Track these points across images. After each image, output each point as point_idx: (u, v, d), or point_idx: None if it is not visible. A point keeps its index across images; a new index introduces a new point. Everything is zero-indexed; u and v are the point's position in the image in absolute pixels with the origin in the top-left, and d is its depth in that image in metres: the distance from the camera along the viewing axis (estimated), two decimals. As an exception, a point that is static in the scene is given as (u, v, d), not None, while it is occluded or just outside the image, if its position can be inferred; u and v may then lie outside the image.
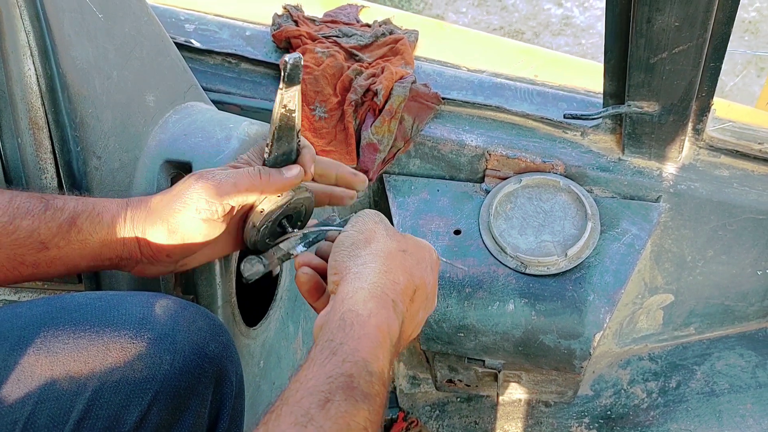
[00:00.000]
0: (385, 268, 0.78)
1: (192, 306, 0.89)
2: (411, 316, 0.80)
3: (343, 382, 0.65)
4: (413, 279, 0.81)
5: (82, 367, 0.79)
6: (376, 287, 0.75)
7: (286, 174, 0.89)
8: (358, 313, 0.72)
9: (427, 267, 0.85)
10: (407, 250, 0.83)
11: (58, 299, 0.86)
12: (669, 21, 1.02)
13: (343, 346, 0.68)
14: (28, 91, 0.93)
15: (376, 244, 0.81)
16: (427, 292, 0.84)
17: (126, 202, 0.87)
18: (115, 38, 1.02)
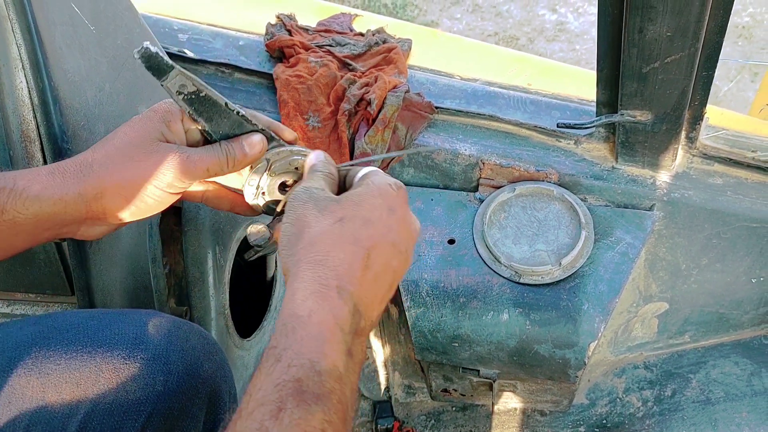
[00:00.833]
0: (320, 256, 0.73)
1: (185, 324, 0.88)
2: (370, 284, 0.74)
3: (291, 387, 0.63)
4: (360, 244, 0.74)
5: (75, 389, 0.78)
6: (313, 282, 0.71)
7: (248, 151, 0.86)
8: (297, 315, 0.68)
9: (380, 215, 0.77)
10: (345, 217, 0.76)
11: (49, 318, 0.85)
12: (661, 31, 1.02)
13: (286, 351, 0.66)
14: (20, 104, 0.93)
15: (308, 232, 0.75)
16: (391, 241, 0.77)
17: (56, 168, 0.81)
18: (107, 50, 1.02)
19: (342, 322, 0.69)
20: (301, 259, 0.73)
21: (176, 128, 0.84)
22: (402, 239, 0.78)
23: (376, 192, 0.78)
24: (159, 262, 1.09)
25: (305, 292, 0.70)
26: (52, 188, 0.79)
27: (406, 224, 0.79)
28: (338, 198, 0.78)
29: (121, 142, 0.81)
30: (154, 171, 0.80)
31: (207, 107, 0.81)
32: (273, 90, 1.46)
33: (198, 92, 0.80)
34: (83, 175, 0.79)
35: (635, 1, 0.98)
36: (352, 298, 0.71)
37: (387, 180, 0.80)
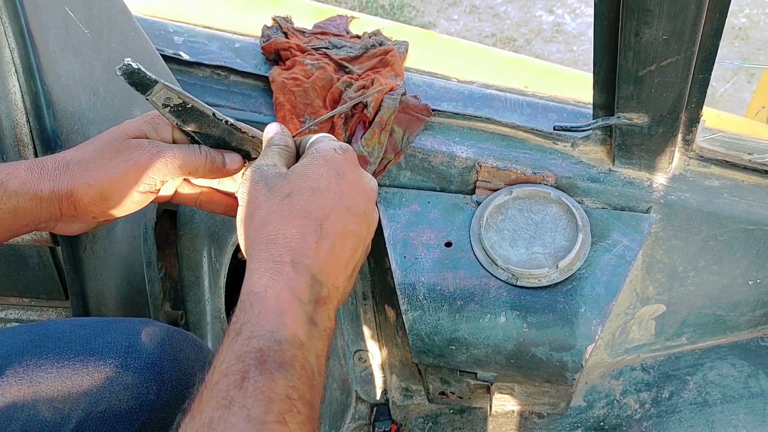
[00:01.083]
0: (271, 235, 0.74)
1: (179, 333, 0.88)
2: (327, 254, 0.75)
3: (253, 357, 0.64)
4: (311, 216, 0.75)
5: (67, 398, 0.78)
6: (266, 260, 0.72)
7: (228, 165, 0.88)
8: (254, 292, 0.70)
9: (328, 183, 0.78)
10: (292, 191, 0.76)
11: (40, 326, 0.85)
12: (657, 34, 1.01)
13: (246, 324, 0.67)
14: (13, 108, 0.93)
15: (258, 213, 0.76)
16: (346, 205, 0.78)
17: (34, 164, 0.83)
18: (101, 54, 1.02)
19: (300, 293, 0.71)
20: (254, 240, 0.75)
21: (163, 131, 0.85)
22: (357, 201, 0.79)
23: (321, 160, 0.79)
24: (154, 266, 1.09)
25: (260, 271, 0.71)
26: (29, 184, 0.80)
27: (360, 186, 0.80)
28: (286, 173, 0.79)
29: (99, 141, 0.83)
30: (124, 167, 0.82)
31: (195, 118, 0.82)
32: (269, 93, 1.46)
33: (184, 104, 0.81)
34: (59, 172, 0.81)
35: (631, 4, 0.98)
36: (309, 269, 0.72)
37: (332, 145, 0.81)
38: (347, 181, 0.79)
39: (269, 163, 0.80)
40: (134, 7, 1.16)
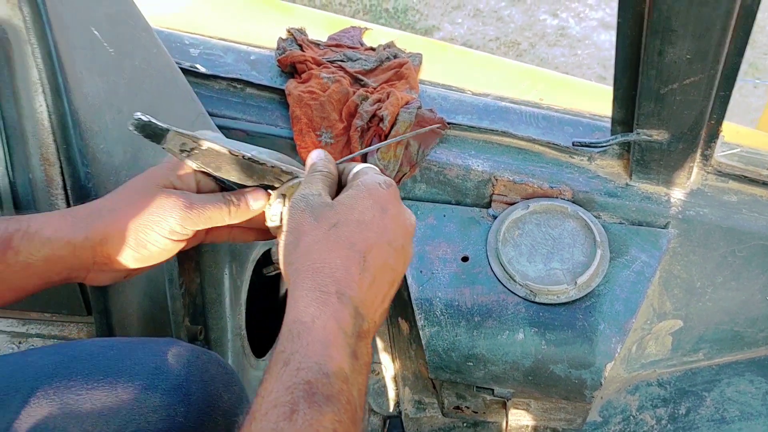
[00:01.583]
0: (317, 264, 0.74)
1: (205, 353, 0.88)
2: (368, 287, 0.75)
3: (302, 390, 0.65)
4: (355, 248, 0.76)
5: (97, 420, 0.77)
6: (313, 290, 0.72)
7: (253, 206, 0.88)
8: (301, 321, 0.70)
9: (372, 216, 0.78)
10: (338, 222, 0.77)
11: (68, 347, 0.85)
12: (681, 54, 1.01)
13: (294, 355, 0.68)
14: (40, 128, 0.93)
15: (304, 240, 0.77)
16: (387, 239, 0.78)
17: (68, 212, 0.84)
18: (125, 72, 1.01)
19: (344, 326, 0.71)
20: (299, 267, 0.75)
21: (186, 177, 0.86)
22: (397, 236, 0.80)
23: (366, 193, 0.80)
24: (176, 283, 1.09)
25: (307, 300, 0.72)
26: (62, 231, 0.81)
27: (400, 221, 0.81)
28: (332, 203, 0.79)
29: (129, 189, 0.84)
30: (156, 217, 0.83)
31: (212, 158, 0.83)
32: (285, 105, 1.45)
33: (199, 147, 0.81)
34: (92, 220, 0.82)
35: (656, 24, 0.97)
36: (352, 301, 0.73)
37: (377, 179, 0.81)
38: (390, 216, 0.79)
39: (314, 192, 0.80)
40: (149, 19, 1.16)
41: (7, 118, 0.92)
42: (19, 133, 0.93)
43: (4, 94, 0.91)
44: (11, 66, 0.91)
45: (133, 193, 0.84)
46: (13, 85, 0.91)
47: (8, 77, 0.91)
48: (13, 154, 0.93)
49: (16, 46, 0.90)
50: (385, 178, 0.82)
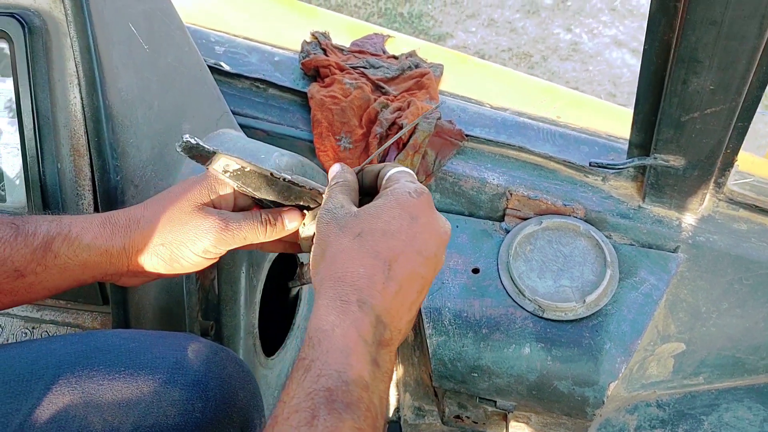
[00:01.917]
0: (339, 273, 0.75)
1: (222, 351, 0.89)
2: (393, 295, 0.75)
3: (323, 396, 0.65)
4: (380, 257, 0.75)
5: (117, 410, 0.79)
6: (334, 298, 0.73)
7: (288, 226, 0.90)
8: (322, 329, 0.71)
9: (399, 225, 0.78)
10: (362, 231, 0.77)
11: (90, 337, 0.86)
12: (704, 84, 1.03)
13: (314, 362, 0.69)
14: (72, 119, 0.94)
15: (329, 250, 0.78)
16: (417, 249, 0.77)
17: (107, 219, 0.86)
18: (158, 69, 1.03)
19: (364, 334, 0.72)
20: (323, 277, 0.76)
21: (225, 194, 0.88)
22: (428, 245, 0.78)
23: (394, 203, 0.79)
24: (192, 278, 1.10)
25: (328, 308, 0.73)
26: (101, 238, 0.84)
27: (433, 229, 0.80)
28: (357, 212, 0.80)
29: (169, 204, 0.86)
30: (192, 236, 0.86)
31: (253, 179, 0.85)
32: (306, 108, 1.47)
33: (242, 169, 0.84)
34: (130, 230, 0.85)
35: (683, 54, 0.99)
36: (374, 310, 0.73)
37: (407, 188, 0.81)
38: (420, 224, 0.78)
39: (336, 205, 0.81)
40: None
41: (40, 108, 0.93)
42: (51, 123, 0.94)
43: (40, 84, 0.92)
44: (49, 57, 0.92)
45: (171, 209, 0.86)
46: (50, 76, 0.93)
47: (45, 68, 0.92)
48: (44, 143, 0.94)
49: (55, 38, 0.92)
50: (417, 185, 0.82)
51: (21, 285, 0.84)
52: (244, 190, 0.85)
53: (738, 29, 0.92)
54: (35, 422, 0.77)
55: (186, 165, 1.10)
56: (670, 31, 1.03)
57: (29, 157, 0.94)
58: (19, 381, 0.80)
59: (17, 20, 0.90)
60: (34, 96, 0.93)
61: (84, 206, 0.97)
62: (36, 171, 0.95)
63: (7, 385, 0.79)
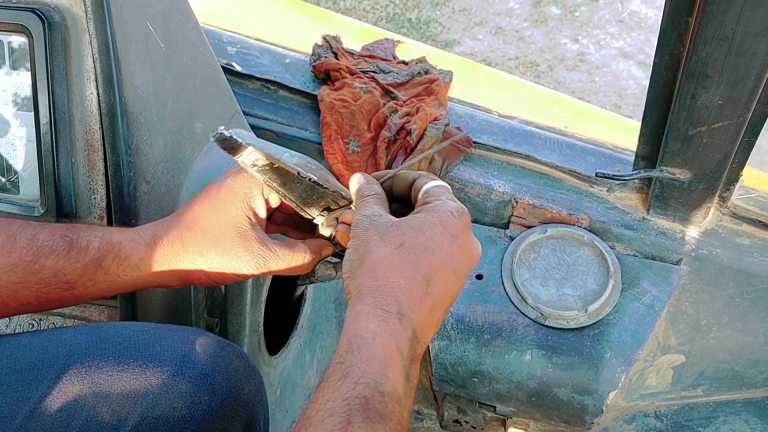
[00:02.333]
0: (380, 281, 0.76)
1: (229, 345, 0.90)
2: (429, 311, 0.76)
3: (359, 404, 0.66)
4: (420, 272, 0.76)
5: (125, 401, 0.79)
6: (375, 306, 0.74)
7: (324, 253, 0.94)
8: (362, 336, 0.72)
9: (441, 243, 0.78)
10: (405, 242, 0.77)
11: (100, 329, 0.87)
12: (713, 99, 1.04)
13: (353, 368, 0.69)
14: (88, 114, 0.95)
15: (369, 257, 0.78)
16: (453, 268, 0.78)
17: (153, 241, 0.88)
18: (173, 67, 1.04)
19: (402, 347, 0.72)
20: (362, 282, 0.77)
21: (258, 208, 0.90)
22: (464, 265, 0.80)
23: (437, 220, 0.80)
24: (199, 276, 1.11)
25: (369, 316, 0.73)
26: (148, 260, 0.88)
27: (468, 250, 0.81)
28: (398, 222, 0.80)
29: (212, 228, 0.89)
30: (235, 264, 0.89)
31: (280, 176, 0.86)
32: (316, 110, 1.48)
33: (271, 165, 0.85)
34: (176, 253, 0.88)
35: (693, 69, 1.00)
36: (412, 324, 0.74)
37: (450, 206, 0.82)
38: (458, 244, 0.79)
39: (375, 213, 0.82)
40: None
41: (57, 102, 0.94)
42: (66, 117, 0.95)
43: (57, 79, 0.94)
44: (67, 53, 0.93)
45: (218, 236, 0.88)
46: (67, 72, 0.94)
47: (63, 63, 0.93)
48: (59, 137, 0.95)
49: (74, 34, 0.93)
50: (459, 205, 0.83)
51: (69, 296, 0.86)
52: (269, 185, 0.87)
53: (748, 46, 0.94)
54: (45, 410, 0.78)
55: (197, 163, 1.11)
56: (680, 46, 1.04)
57: (44, 151, 0.95)
58: (29, 369, 0.81)
59: (37, 15, 0.91)
60: (51, 90, 0.94)
61: (96, 201, 0.98)
62: (50, 164, 0.96)
63: (18, 373, 0.80)
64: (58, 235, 0.86)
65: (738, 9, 0.89)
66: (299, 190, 0.88)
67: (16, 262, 0.83)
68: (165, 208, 1.05)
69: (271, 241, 0.90)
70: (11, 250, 0.84)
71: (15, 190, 1.00)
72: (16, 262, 0.83)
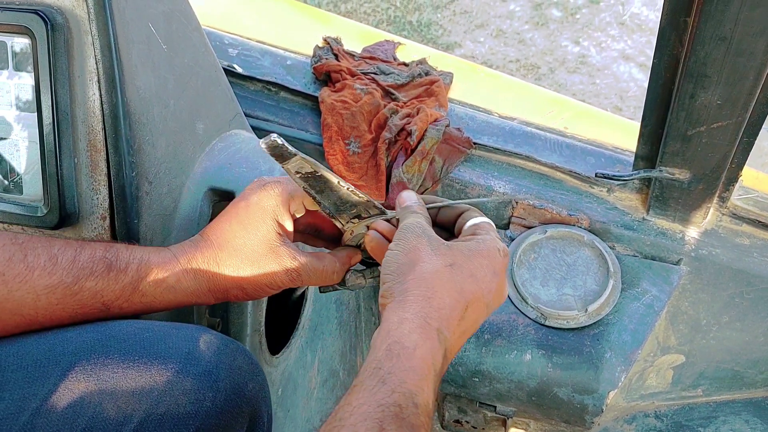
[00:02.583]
0: (429, 293, 0.77)
1: (233, 343, 0.91)
2: (459, 335, 0.79)
3: (393, 412, 0.67)
4: (463, 296, 0.79)
5: (130, 398, 0.80)
6: (420, 317, 0.75)
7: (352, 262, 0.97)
8: (403, 345, 0.73)
9: (485, 274, 0.82)
10: (455, 263, 0.81)
11: (106, 327, 0.88)
12: (712, 99, 1.05)
13: (391, 376, 0.70)
14: (90, 115, 0.96)
15: (421, 266, 0.80)
16: (487, 302, 0.82)
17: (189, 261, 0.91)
18: (175, 69, 1.05)
19: (436, 364, 0.74)
20: (409, 289, 0.78)
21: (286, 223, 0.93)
22: (495, 302, 0.84)
23: (485, 252, 0.83)
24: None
25: (412, 325, 0.75)
26: (185, 282, 0.91)
27: (502, 289, 0.85)
28: (449, 243, 0.84)
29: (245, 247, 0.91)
30: (269, 279, 0.92)
31: (320, 184, 0.89)
32: (317, 112, 1.49)
33: (315, 173, 0.87)
34: (211, 276, 0.91)
35: (691, 69, 1.01)
36: (446, 342, 0.76)
37: (496, 245, 0.85)
38: (497, 282, 0.83)
39: (425, 225, 0.85)
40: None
41: (60, 103, 0.95)
42: (69, 118, 0.96)
43: (60, 80, 0.94)
44: (70, 54, 0.94)
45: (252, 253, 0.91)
46: (70, 73, 0.94)
47: (66, 64, 0.94)
48: (62, 138, 0.96)
49: (76, 35, 0.93)
50: (503, 245, 0.86)
51: (101, 317, 0.88)
52: (308, 192, 0.89)
53: (746, 46, 0.94)
54: (51, 407, 0.79)
55: (198, 164, 1.12)
56: (679, 46, 1.05)
57: (47, 152, 0.96)
58: (36, 366, 0.81)
59: (40, 17, 0.91)
60: (54, 91, 0.94)
61: (99, 201, 0.99)
62: (53, 165, 0.96)
63: (24, 370, 0.81)
64: (98, 257, 0.87)
65: (736, 9, 0.90)
66: (334, 198, 0.91)
67: (56, 283, 0.85)
68: (167, 207, 1.05)
69: (302, 253, 0.92)
70: (52, 272, 0.85)
71: (18, 191, 1.01)
72: (57, 283, 0.85)
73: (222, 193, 1.10)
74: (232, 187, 1.09)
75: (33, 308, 0.84)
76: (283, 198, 0.91)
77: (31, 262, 0.84)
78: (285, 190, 0.92)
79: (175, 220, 1.08)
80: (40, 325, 0.86)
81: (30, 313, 0.85)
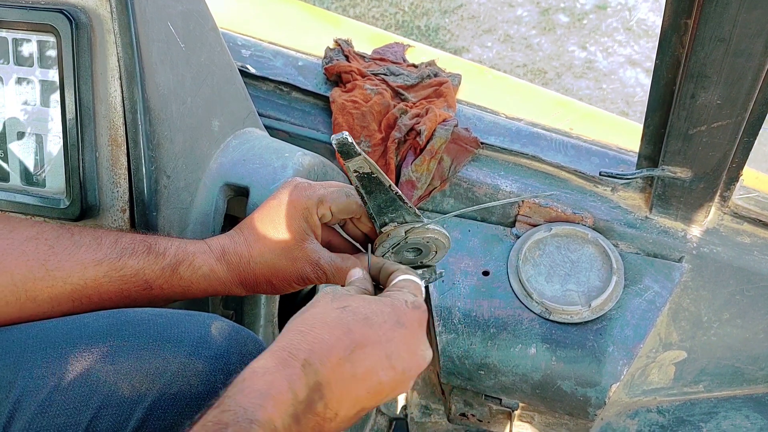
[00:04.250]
0: (304, 328, 0.76)
1: (243, 330, 0.94)
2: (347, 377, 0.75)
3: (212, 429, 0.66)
4: (350, 336, 0.76)
5: (143, 378, 0.84)
6: (283, 348, 0.74)
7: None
8: (254, 370, 0.72)
9: (383, 321, 0.78)
10: (349, 305, 0.79)
11: (121, 313, 0.91)
12: (712, 98, 1.08)
13: (227, 398, 0.69)
14: (112, 111, 1.00)
15: (310, 310, 0.80)
16: (387, 352, 0.77)
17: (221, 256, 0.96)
18: (192, 67, 1.09)
19: (296, 390, 0.71)
20: (291, 328, 0.79)
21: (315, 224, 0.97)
22: (401, 357, 0.78)
23: (389, 302, 0.82)
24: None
25: (272, 353, 0.75)
26: (218, 273, 0.96)
27: (412, 344, 0.81)
28: (354, 295, 0.84)
29: (277, 244, 0.96)
30: (297, 277, 0.97)
31: (373, 185, 0.92)
32: (327, 112, 1.53)
33: (371, 174, 0.91)
34: (242, 268, 0.97)
35: (692, 69, 1.04)
36: (317, 375, 0.73)
37: (406, 297, 0.84)
38: (402, 333, 0.79)
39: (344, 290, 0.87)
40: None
41: (83, 99, 0.99)
42: (92, 113, 1.00)
43: (83, 77, 0.98)
44: (93, 51, 0.98)
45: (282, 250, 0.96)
46: (93, 70, 0.98)
47: (88, 62, 0.98)
48: (84, 133, 1.00)
49: (99, 34, 0.97)
50: (417, 299, 0.84)
51: (146, 295, 0.94)
52: (359, 191, 0.93)
53: (745, 47, 0.97)
54: (68, 385, 0.82)
55: (214, 160, 1.16)
56: (680, 47, 1.08)
57: (70, 146, 1.00)
58: (54, 347, 0.85)
59: (65, 16, 0.95)
60: (78, 88, 0.98)
61: (119, 194, 1.03)
62: (76, 159, 1.00)
63: (43, 350, 0.85)
64: (138, 240, 0.94)
65: (735, 11, 0.93)
66: (380, 200, 0.94)
67: (102, 258, 0.92)
68: (183, 201, 1.09)
69: (330, 254, 0.97)
70: (97, 249, 0.92)
71: (42, 184, 1.05)
72: (102, 258, 0.92)
73: (236, 188, 1.14)
74: (246, 182, 1.13)
75: (81, 278, 0.91)
76: (313, 200, 0.95)
77: (78, 240, 0.92)
78: (315, 193, 0.96)
79: (191, 214, 1.11)
80: (88, 298, 0.92)
81: (78, 282, 0.91)
